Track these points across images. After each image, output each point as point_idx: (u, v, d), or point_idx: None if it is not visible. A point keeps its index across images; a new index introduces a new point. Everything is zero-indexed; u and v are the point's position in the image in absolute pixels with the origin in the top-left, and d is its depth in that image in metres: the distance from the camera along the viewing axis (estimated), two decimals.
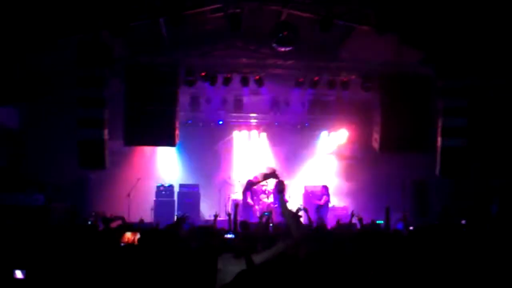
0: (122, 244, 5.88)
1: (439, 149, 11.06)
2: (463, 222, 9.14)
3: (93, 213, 11.39)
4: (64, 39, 9.83)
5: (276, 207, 13.04)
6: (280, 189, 4.54)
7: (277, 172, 4.59)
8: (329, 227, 9.07)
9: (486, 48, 10.40)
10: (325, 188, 14.03)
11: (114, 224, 6.62)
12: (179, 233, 5.79)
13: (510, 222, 9.87)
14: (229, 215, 8.17)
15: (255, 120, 15.30)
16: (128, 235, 6.03)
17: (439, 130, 11.06)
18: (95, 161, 10.66)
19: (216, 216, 8.26)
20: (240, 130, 15.35)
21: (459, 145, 10.91)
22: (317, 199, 14.03)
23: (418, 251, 5.74)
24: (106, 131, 10.64)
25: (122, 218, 6.64)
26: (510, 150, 11.33)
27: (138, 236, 5.79)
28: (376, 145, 12.12)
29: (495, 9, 9.22)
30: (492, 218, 11.04)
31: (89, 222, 10.25)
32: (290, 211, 4.77)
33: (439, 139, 11.06)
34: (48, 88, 11.48)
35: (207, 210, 13.79)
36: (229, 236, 6.69)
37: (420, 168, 12.66)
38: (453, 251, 5.85)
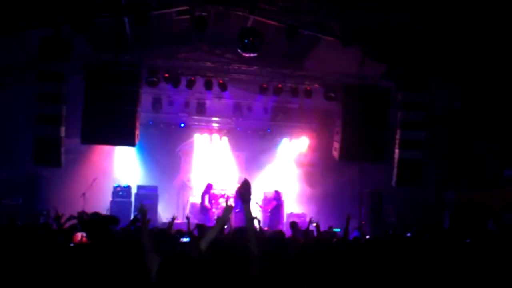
0: (72, 244, 5.74)
1: (396, 161, 11.33)
2: (408, 234, 9.36)
3: (45, 212, 11.07)
4: (24, 32, 9.55)
5: (237, 212, 13.05)
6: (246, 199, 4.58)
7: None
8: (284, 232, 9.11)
9: (445, 62, 10.79)
10: (277, 193, 14.08)
11: (68, 224, 6.45)
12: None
13: (460, 234, 10.21)
14: (187, 218, 8.09)
15: (217, 124, 15.28)
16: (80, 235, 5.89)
17: (397, 142, 11.34)
18: (51, 159, 10.35)
19: (173, 218, 8.17)
20: (201, 134, 15.28)
21: (415, 158, 11.21)
22: (267, 204, 14.15)
23: (374, 260, 5.86)
24: (63, 128, 10.37)
25: (79, 217, 6.46)
26: (464, 165, 11.73)
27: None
28: (335, 153, 12.30)
29: (454, 27, 9.57)
30: (444, 230, 11.40)
31: (42, 221, 9.95)
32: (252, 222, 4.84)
33: (396, 151, 11.34)
34: (3, 83, 11.12)
35: (165, 212, 13.63)
36: (184, 240, 6.63)
37: (378, 178, 12.95)
38: (405, 261, 6.00)
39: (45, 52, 9.99)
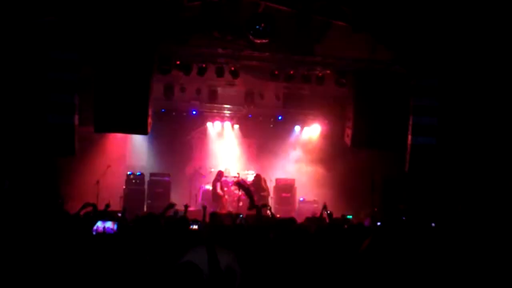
0: (94, 233, 5.79)
1: (408, 147, 11.25)
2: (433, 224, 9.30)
3: (60, 200, 11.18)
4: (37, 20, 9.57)
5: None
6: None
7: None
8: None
9: (457, 48, 10.64)
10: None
11: (83, 211, 6.51)
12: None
13: (475, 222, 10.14)
14: (204, 207, 8.11)
15: (229, 112, 15.28)
16: (99, 224, 5.93)
17: (410, 128, 11.26)
18: (65, 147, 10.44)
19: (186, 206, 8.19)
20: (213, 121, 15.31)
21: (428, 143, 11.13)
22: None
23: (384, 246, 5.85)
24: (76, 117, 10.43)
25: (94, 205, 6.52)
26: (479, 151, 11.61)
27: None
28: (348, 140, 12.25)
29: (466, 11, 9.44)
30: (458, 217, 11.33)
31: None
32: None
33: (409, 137, 11.26)
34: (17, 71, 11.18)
35: (177, 200, 13.68)
36: (194, 227, 6.65)
37: (391, 164, 12.87)
38: (418, 247, 5.98)
39: (56, 40, 10.02)
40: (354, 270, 5.24)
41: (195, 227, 6.42)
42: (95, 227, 5.86)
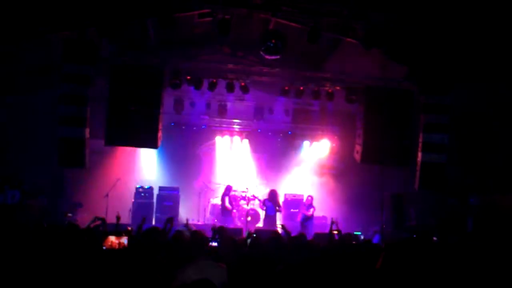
0: (104, 248, 5.78)
1: (418, 164, 11.19)
2: (435, 238, 9.24)
3: (70, 214, 11.23)
4: (50, 35, 9.70)
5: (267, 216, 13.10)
6: None
7: None
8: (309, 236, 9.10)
9: (469, 65, 10.63)
10: (312, 198, 13.90)
11: (93, 225, 6.54)
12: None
13: (484, 239, 10.03)
14: (213, 229, 8.08)
15: (238, 126, 15.32)
16: (112, 239, 5.91)
17: (420, 145, 11.21)
18: (75, 160, 10.48)
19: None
20: (222, 136, 15.33)
21: (438, 161, 11.06)
22: (305, 209, 13.89)
23: (394, 264, 5.80)
24: (87, 130, 10.49)
25: (103, 219, 6.54)
26: (489, 168, 11.53)
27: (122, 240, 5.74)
28: (357, 157, 12.21)
29: (477, 27, 9.44)
30: (467, 234, 11.23)
31: (66, 222, 10.10)
32: None
33: (419, 154, 11.20)
34: (28, 85, 11.32)
35: (186, 214, 13.70)
36: (214, 244, 6.62)
37: (400, 181, 12.82)
38: (427, 265, 5.93)
39: (70, 55, 10.12)
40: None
41: (215, 244, 6.39)
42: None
